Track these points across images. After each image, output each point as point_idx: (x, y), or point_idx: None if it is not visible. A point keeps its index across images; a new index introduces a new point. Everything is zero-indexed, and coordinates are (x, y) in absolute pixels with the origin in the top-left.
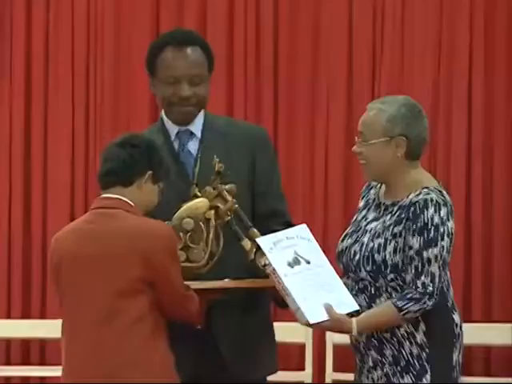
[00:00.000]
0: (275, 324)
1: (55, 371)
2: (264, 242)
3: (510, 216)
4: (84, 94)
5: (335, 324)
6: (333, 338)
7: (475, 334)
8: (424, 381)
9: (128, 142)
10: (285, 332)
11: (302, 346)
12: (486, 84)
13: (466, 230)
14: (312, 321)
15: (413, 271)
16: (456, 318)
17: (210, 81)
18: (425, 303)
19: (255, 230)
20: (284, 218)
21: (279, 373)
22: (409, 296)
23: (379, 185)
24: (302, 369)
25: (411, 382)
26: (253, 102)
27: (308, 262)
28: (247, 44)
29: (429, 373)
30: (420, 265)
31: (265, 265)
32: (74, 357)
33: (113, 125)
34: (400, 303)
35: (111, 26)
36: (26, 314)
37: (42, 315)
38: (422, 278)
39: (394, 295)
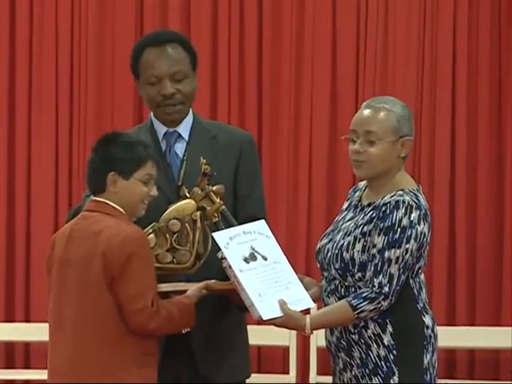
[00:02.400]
0: (259, 327)
1: (40, 374)
2: (220, 236)
3: (494, 220)
4: (68, 97)
5: (288, 320)
6: (317, 341)
7: (459, 337)
8: (391, 382)
9: (92, 148)
10: (269, 335)
11: (286, 349)
12: (469, 87)
13: (450, 234)
14: (265, 317)
15: (372, 269)
16: (427, 320)
17: (196, 78)
18: (379, 303)
19: None
20: None
21: (263, 376)
22: (364, 295)
23: (364, 188)
24: (286, 372)
25: (379, 383)
26: (236, 105)
27: (265, 258)
28: (231, 46)
29: (396, 375)
30: (380, 264)
31: (222, 258)
32: (54, 358)
33: (96, 127)
34: (355, 302)
35: (95, 29)
36: (9, 318)
37: (26, 318)
38: (380, 277)
39: None
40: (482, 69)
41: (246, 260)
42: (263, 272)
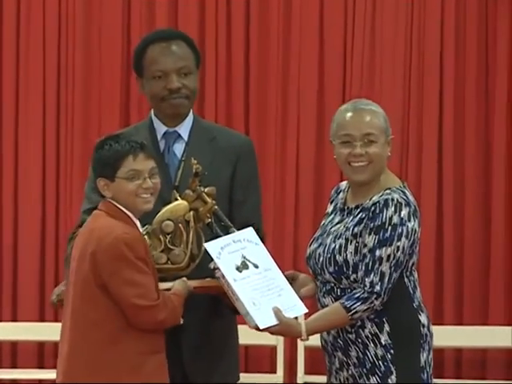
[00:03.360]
0: (246, 327)
1: (27, 374)
2: (212, 247)
3: (482, 220)
4: (55, 97)
5: (284, 328)
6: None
7: (447, 336)
8: (389, 382)
9: None
10: (256, 334)
11: (274, 349)
12: (456, 84)
13: (438, 232)
14: (261, 326)
15: (363, 269)
16: (423, 318)
17: (199, 76)
18: (372, 303)
19: (235, 230)
20: (257, 232)
21: (251, 375)
22: (356, 296)
23: (347, 189)
24: (274, 371)
25: (377, 383)
26: (224, 106)
27: (256, 266)
28: (218, 45)
29: (394, 374)
30: (371, 263)
31: (214, 268)
32: (60, 352)
33: (83, 128)
34: (348, 303)
35: (82, 28)
36: None
37: (13, 318)
38: (371, 276)
39: None
40: (469, 66)
41: (239, 269)
42: (255, 280)
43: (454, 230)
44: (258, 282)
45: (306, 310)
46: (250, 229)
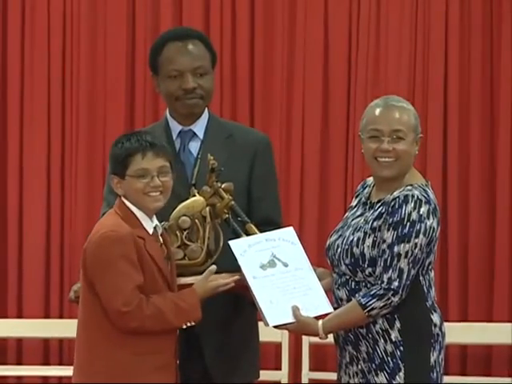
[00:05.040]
0: None
1: (32, 370)
2: (236, 245)
3: (486, 216)
4: (60, 101)
5: (300, 326)
6: (309, 338)
7: (452, 333)
8: (397, 379)
9: None
10: (261, 331)
11: (279, 346)
12: (461, 80)
13: (443, 230)
14: (271, 323)
15: (382, 265)
16: (435, 318)
17: (214, 75)
18: (389, 299)
19: (252, 225)
20: (278, 227)
21: None
22: (372, 292)
23: (373, 184)
24: (279, 368)
25: (385, 379)
26: (228, 109)
27: (286, 265)
28: (223, 47)
29: (402, 371)
30: (389, 259)
31: None
32: None
33: (88, 132)
34: (364, 300)
35: (87, 29)
36: (2, 314)
37: (19, 315)
38: (390, 272)
39: None
40: (474, 59)
41: (263, 267)
42: (281, 278)
43: (458, 226)
44: (283, 281)
45: (331, 310)
46: (291, 228)
